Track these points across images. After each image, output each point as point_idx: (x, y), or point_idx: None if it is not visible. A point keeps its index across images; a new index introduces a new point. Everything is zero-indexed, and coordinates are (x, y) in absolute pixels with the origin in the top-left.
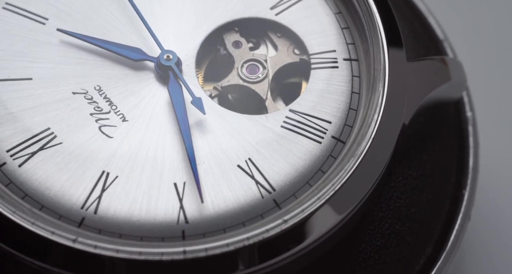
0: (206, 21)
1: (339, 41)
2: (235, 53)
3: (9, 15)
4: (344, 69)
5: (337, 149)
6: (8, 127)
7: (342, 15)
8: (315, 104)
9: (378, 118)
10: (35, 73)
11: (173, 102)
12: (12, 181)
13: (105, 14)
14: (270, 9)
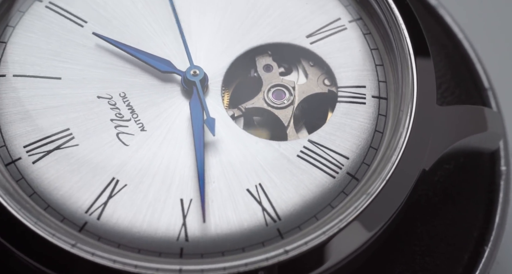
0: (240, 41)
1: (371, 78)
2: (264, 76)
3: (51, 14)
4: (371, 106)
5: (350, 186)
6: (29, 123)
7: (378, 51)
8: (336, 138)
9: (396, 159)
10: (64, 73)
11: (192, 118)
12: (23, 176)
13: (142, 24)
14: (306, 37)
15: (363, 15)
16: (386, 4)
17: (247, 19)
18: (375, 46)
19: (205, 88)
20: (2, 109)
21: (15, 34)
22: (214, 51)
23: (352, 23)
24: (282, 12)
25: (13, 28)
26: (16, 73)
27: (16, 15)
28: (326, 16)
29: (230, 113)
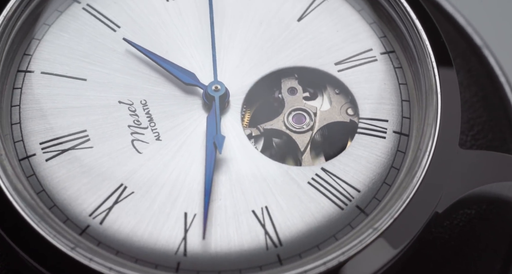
0: (268, 61)
1: (395, 113)
2: (288, 98)
3: (86, 16)
4: (390, 141)
5: (358, 220)
6: (48, 121)
7: (406, 86)
8: (350, 169)
9: (408, 197)
10: (90, 75)
11: (207, 133)
12: (35, 173)
13: (173, 34)
14: (335, 64)
15: (396, 48)
16: (420, 40)
17: (278, 40)
18: (404, 81)
19: (226, 104)
20: (25, 104)
21: (50, 33)
22: (241, 68)
23: (384, 55)
24: (314, 37)
25: (48, 27)
26: (44, 70)
27: (53, 15)
28: (358, 46)
29: (248, 132)
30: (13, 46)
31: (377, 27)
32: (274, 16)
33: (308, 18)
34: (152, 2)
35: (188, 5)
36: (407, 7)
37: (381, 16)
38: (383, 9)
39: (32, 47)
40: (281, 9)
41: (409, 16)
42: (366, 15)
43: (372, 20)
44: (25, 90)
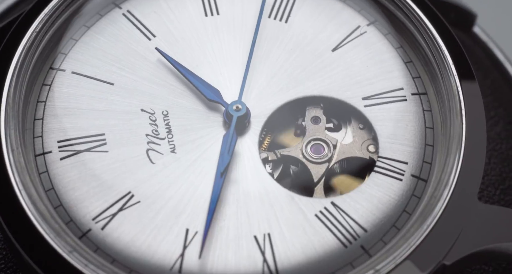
0: (296, 87)
1: (416, 156)
2: (310, 127)
3: (125, 22)
4: (407, 185)
5: (360, 260)
6: (70, 120)
7: (433, 131)
8: (361, 207)
9: (414, 244)
10: (118, 80)
11: (221, 152)
12: (48, 170)
13: (206, 49)
14: (362, 99)
15: (429, 90)
16: (454, 87)
17: (310, 67)
18: (431, 125)
19: (246, 124)
20: (51, 102)
21: (87, 34)
22: (267, 91)
23: (415, 96)
24: (345, 68)
25: (87, 29)
26: (75, 70)
27: (94, 18)
28: (389, 83)
29: (264, 156)
30: (50, 44)
31: (413, 66)
32: (309, 43)
33: (343, 49)
34: (192, 16)
35: (226, 22)
36: (444, 51)
37: (418, 56)
38: (421, 49)
39: (68, 47)
40: (317, 37)
41: (446, 60)
42: (404, 53)
43: (408, 59)
44: (53, 88)
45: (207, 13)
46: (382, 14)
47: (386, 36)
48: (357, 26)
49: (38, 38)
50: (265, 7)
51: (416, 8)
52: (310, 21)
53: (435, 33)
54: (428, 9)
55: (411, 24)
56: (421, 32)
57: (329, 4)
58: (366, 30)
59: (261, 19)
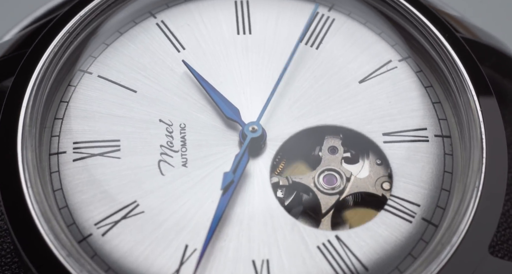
0: (317, 115)
1: (429, 199)
2: (326, 157)
3: (157, 32)
4: (415, 227)
5: None
6: (88, 123)
7: (451, 175)
8: (365, 244)
9: None
10: (141, 88)
11: (230, 170)
12: (59, 170)
13: (233, 67)
14: (382, 134)
15: (454, 133)
16: (480, 133)
17: (334, 97)
18: (450, 169)
19: (261, 146)
20: (74, 102)
21: (119, 40)
22: (288, 115)
23: (438, 138)
24: (369, 102)
25: (120, 35)
26: (101, 74)
27: (129, 25)
28: (412, 122)
29: (275, 180)
30: (81, 46)
31: (440, 108)
32: (337, 72)
33: (370, 82)
34: (224, 32)
35: (257, 43)
36: (474, 96)
37: (448, 97)
38: (451, 91)
39: (99, 51)
40: (346, 67)
41: (475, 105)
42: (433, 93)
43: (437, 100)
44: (78, 89)
45: (239, 31)
46: (416, 51)
47: (417, 74)
48: (388, 61)
49: (69, 39)
50: (299, 31)
51: (450, 48)
52: (341, 50)
53: (467, 77)
54: (463, 51)
55: (443, 63)
56: (451, 73)
57: (363, 35)
58: (397, 65)
59: (298, 46)
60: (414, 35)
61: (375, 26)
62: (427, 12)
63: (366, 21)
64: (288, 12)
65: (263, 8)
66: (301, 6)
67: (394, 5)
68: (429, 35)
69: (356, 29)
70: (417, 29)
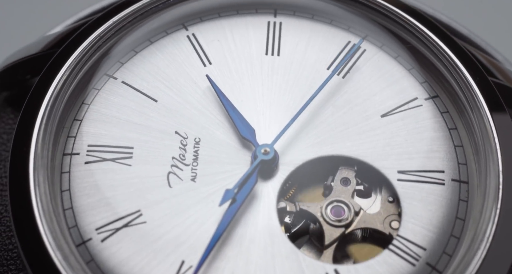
0: (333, 144)
1: (437, 245)
2: (338, 187)
3: (186, 44)
4: (418, 271)
5: None
6: (105, 127)
7: (463, 222)
8: None
9: None
10: (162, 98)
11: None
12: (70, 171)
13: (256, 88)
14: (397, 172)
15: (472, 180)
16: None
17: (353, 127)
18: (463, 216)
19: (273, 169)
20: (95, 105)
21: (148, 49)
22: (304, 141)
23: (454, 182)
24: (388, 137)
25: (150, 44)
26: (125, 80)
27: (160, 35)
28: (430, 163)
29: (283, 205)
30: (108, 53)
31: (462, 152)
32: (360, 103)
33: (392, 117)
34: (252, 52)
35: (284, 65)
36: (497, 143)
37: (471, 142)
38: (475, 135)
39: (127, 57)
40: (370, 99)
41: (496, 152)
42: (457, 135)
43: (460, 143)
44: (101, 93)
45: (268, 52)
46: (445, 91)
47: (442, 114)
48: (414, 98)
49: (98, 43)
50: (327, 58)
51: (478, 92)
52: (368, 82)
53: (492, 124)
54: (493, 96)
55: (470, 108)
56: (476, 118)
57: (392, 69)
58: (423, 103)
59: (332, 77)
60: (444, 74)
61: (406, 62)
62: (461, 53)
63: (397, 56)
64: (319, 37)
65: (296, 31)
66: (333, 32)
67: (427, 42)
68: (459, 77)
69: (386, 62)
70: (447, 69)
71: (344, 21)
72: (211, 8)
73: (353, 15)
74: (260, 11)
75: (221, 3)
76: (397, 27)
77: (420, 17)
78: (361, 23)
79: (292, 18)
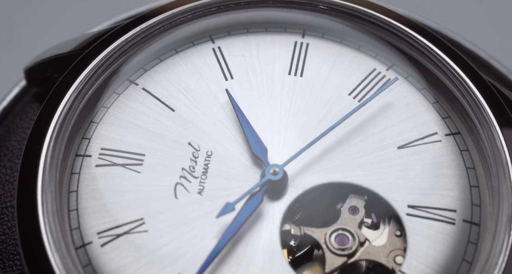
0: (346, 171)
1: None
2: (345, 215)
3: (211, 56)
4: None
5: None
6: (119, 132)
7: (469, 266)
8: None
9: None
10: (179, 109)
11: (242, 209)
12: (80, 173)
13: (274, 105)
14: (407, 206)
15: (484, 222)
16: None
17: (368, 156)
18: (470, 259)
19: (282, 190)
20: (113, 109)
21: (173, 58)
22: (316, 165)
23: (466, 223)
24: (402, 170)
25: (176, 53)
26: (146, 87)
27: (186, 45)
28: (442, 200)
29: (287, 227)
30: (133, 59)
31: (477, 193)
32: (378, 133)
33: (408, 150)
34: (275, 70)
35: (305, 87)
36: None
37: (488, 183)
38: (492, 177)
39: (151, 65)
40: (388, 129)
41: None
42: (474, 175)
43: (476, 184)
44: (121, 97)
45: (291, 71)
46: (467, 128)
47: (462, 152)
48: (434, 132)
49: (123, 48)
50: (350, 83)
51: (500, 134)
52: (388, 111)
53: (510, 167)
54: None
55: (490, 148)
56: (495, 159)
57: (415, 101)
58: (442, 139)
59: (358, 109)
60: (468, 111)
61: (431, 95)
62: (488, 91)
63: (422, 88)
64: (345, 62)
65: (322, 53)
66: (360, 58)
67: (453, 77)
68: (482, 117)
69: (410, 93)
70: (471, 106)
71: (372, 48)
72: (240, 23)
73: (381, 44)
74: (289, 31)
75: (251, 19)
76: (424, 58)
77: (450, 51)
78: (389, 52)
79: (320, 40)
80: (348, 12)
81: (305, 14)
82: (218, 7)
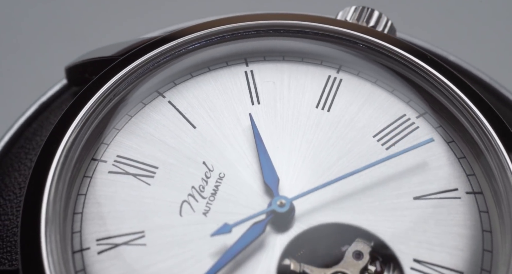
0: (355, 214)
1: None
2: (348, 259)
3: (242, 79)
4: None
5: None
6: (136, 142)
7: None
8: None
9: None
10: (201, 126)
11: (243, 236)
12: (92, 177)
13: (295, 136)
14: (413, 260)
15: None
16: None
17: (381, 202)
18: None
19: (284, 224)
20: (136, 119)
21: (204, 75)
22: (327, 203)
23: None
24: (414, 221)
25: (208, 71)
26: (172, 101)
27: (219, 64)
28: (450, 260)
29: (287, 262)
30: (165, 72)
31: (489, 257)
32: (395, 180)
33: (424, 202)
34: (303, 101)
35: (330, 122)
36: None
37: (503, 248)
38: (506, 242)
39: (182, 80)
40: (407, 178)
41: None
42: (489, 239)
43: (490, 248)
44: (146, 108)
45: (319, 105)
46: (490, 188)
47: (480, 213)
48: (454, 188)
49: (153, 61)
50: (376, 126)
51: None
52: (410, 160)
53: None
54: None
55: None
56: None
57: (440, 153)
58: (462, 196)
59: (388, 159)
60: (493, 171)
61: (459, 148)
62: None
63: (451, 140)
64: (376, 103)
65: (353, 90)
66: (392, 102)
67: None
68: (505, 178)
69: (437, 145)
70: (496, 166)
71: (407, 94)
72: (277, 51)
73: (415, 91)
74: (325, 64)
75: (289, 48)
76: (455, 108)
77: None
78: (422, 100)
79: (354, 77)
80: (383, 52)
81: (342, 50)
82: (256, 32)
